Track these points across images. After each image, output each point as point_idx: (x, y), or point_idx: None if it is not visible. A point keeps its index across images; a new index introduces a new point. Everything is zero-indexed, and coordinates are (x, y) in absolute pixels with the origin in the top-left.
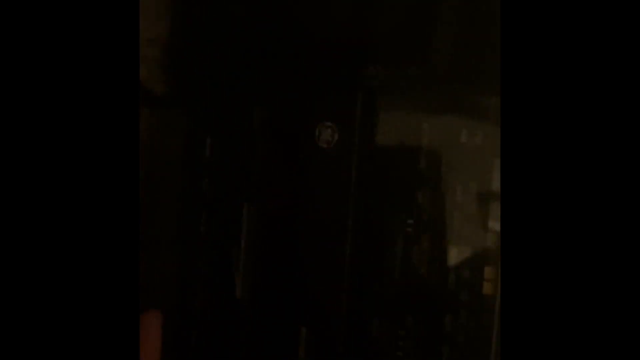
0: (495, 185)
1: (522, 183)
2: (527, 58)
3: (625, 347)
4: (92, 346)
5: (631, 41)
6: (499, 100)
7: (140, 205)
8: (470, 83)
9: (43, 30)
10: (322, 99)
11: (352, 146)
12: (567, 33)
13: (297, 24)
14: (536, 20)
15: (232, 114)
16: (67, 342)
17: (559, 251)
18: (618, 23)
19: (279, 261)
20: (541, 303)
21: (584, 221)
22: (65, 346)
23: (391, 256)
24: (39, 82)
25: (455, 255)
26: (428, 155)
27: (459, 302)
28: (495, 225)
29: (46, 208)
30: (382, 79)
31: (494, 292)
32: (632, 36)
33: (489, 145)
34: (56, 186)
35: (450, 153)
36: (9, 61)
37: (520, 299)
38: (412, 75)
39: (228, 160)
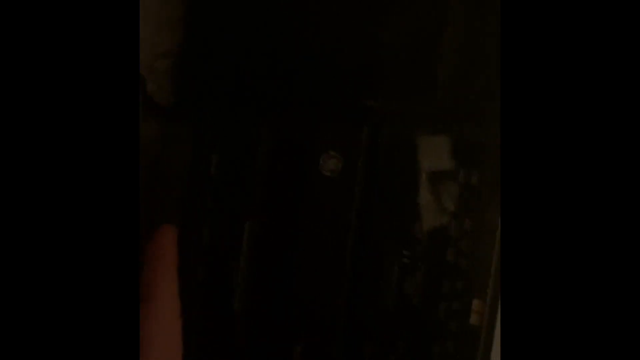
0: (489, 221)
1: (519, 221)
2: (529, 94)
3: None
4: (92, 350)
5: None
6: (497, 140)
7: (145, 215)
8: (472, 123)
9: (48, 43)
10: (329, 129)
11: (355, 177)
12: (569, 69)
13: (309, 54)
14: (538, 53)
15: (239, 135)
16: (66, 348)
17: (555, 284)
18: (618, 57)
19: (277, 280)
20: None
21: (582, 259)
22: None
23: (386, 284)
24: (45, 94)
25: (446, 287)
26: (426, 190)
27: (448, 331)
28: (485, 260)
29: (49, 217)
30: (387, 113)
31: (481, 323)
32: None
33: (486, 184)
34: (59, 196)
35: (448, 190)
36: (16, 71)
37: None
38: (416, 112)
39: (233, 180)
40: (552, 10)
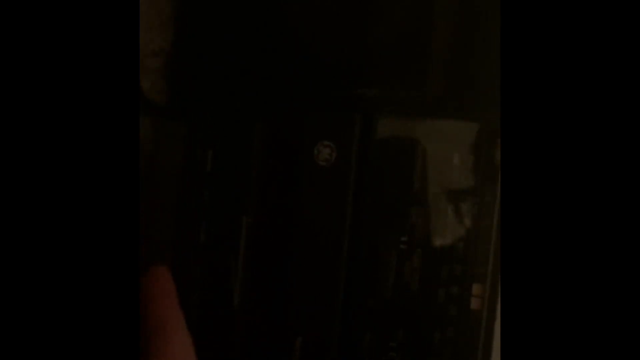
0: (486, 205)
1: (518, 204)
2: (525, 81)
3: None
4: (89, 351)
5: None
6: (495, 123)
7: (141, 213)
8: (464, 107)
9: (44, 40)
10: (321, 118)
11: (350, 165)
12: (566, 58)
13: (300, 46)
14: (536, 44)
15: (233, 129)
16: (64, 347)
17: (552, 270)
18: (617, 50)
19: (276, 273)
20: (537, 319)
21: (579, 244)
22: (63, 350)
23: (384, 271)
24: (39, 91)
25: (445, 272)
26: (422, 175)
27: (448, 316)
28: (484, 244)
29: (45, 214)
30: (379, 101)
31: (482, 308)
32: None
33: (481, 168)
34: (55, 193)
35: (443, 175)
36: (10, 70)
37: (518, 313)
38: (408, 98)
39: (229, 175)
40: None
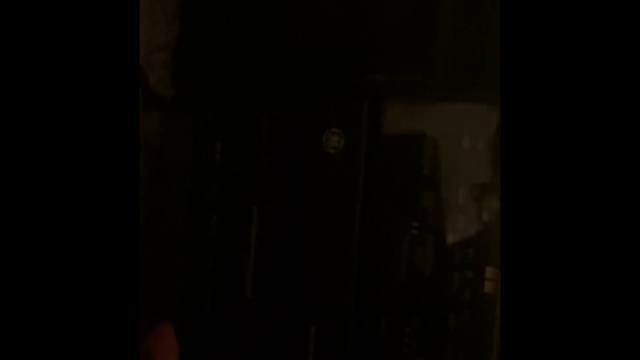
0: (497, 188)
1: (523, 186)
2: (526, 64)
3: (624, 346)
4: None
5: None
6: (499, 106)
7: (152, 208)
8: (472, 90)
9: (47, 38)
10: (329, 106)
11: (358, 152)
12: (566, 41)
13: (305, 34)
14: (536, 27)
15: (241, 120)
16: (70, 346)
17: (557, 253)
18: (618, 35)
19: (288, 262)
20: (541, 302)
21: (582, 224)
22: (67, 349)
23: (397, 257)
24: (44, 89)
25: (458, 256)
26: (431, 160)
27: (462, 300)
28: (496, 227)
29: (52, 213)
30: (386, 86)
31: (495, 291)
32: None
33: (491, 150)
34: (61, 190)
35: (453, 158)
36: (16, 67)
37: (520, 298)
38: (415, 83)
39: (238, 165)
40: None
